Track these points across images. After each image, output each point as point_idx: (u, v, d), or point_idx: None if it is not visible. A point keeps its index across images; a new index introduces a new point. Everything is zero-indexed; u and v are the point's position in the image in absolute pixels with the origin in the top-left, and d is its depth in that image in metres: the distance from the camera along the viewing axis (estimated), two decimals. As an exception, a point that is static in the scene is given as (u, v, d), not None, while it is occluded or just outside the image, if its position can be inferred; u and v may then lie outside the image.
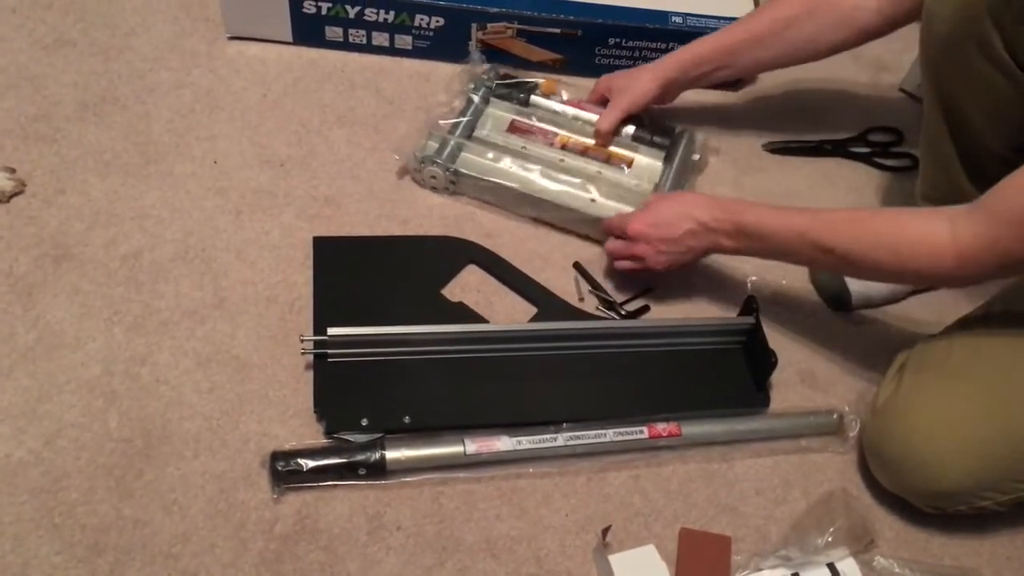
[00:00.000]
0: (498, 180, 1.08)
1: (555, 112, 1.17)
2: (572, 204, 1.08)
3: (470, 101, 1.16)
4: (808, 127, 1.26)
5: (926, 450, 0.85)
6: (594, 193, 1.09)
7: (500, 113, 1.17)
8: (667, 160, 1.14)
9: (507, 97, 1.18)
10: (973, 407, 0.84)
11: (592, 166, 1.13)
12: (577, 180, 1.10)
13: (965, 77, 0.91)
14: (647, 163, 1.14)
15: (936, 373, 0.88)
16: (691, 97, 1.21)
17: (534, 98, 1.18)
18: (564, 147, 1.14)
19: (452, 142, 1.11)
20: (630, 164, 1.14)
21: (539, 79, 1.20)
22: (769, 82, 1.31)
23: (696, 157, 1.16)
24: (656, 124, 1.17)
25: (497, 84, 1.19)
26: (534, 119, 1.16)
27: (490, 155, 1.11)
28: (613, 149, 1.15)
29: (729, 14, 1.26)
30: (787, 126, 1.27)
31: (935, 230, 0.81)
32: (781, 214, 0.91)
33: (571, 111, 1.17)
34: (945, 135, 0.99)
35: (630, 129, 1.16)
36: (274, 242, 1.04)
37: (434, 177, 1.10)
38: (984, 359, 0.86)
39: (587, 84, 1.19)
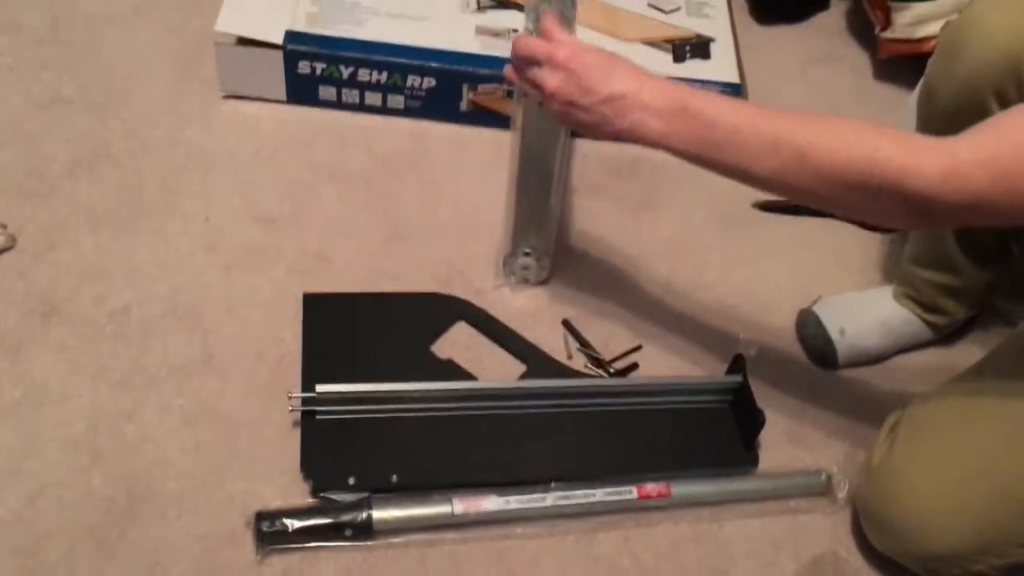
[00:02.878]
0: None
1: None
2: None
3: None
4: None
5: (922, 512, 0.85)
6: None
7: None
8: None
9: None
10: (968, 470, 0.84)
11: None
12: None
13: None
14: None
15: (929, 435, 0.88)
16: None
17: None
18: None
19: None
20: None
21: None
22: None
23: None
24: None
25: None
26: None
27: None
28: None
29: (714, 78, 1.29)
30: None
31: (925, 137, 0.74)
32: (730, 100, 0.80)
33: None
34: None
35: None
36: (264, 298, 1.04)
37: (526, 268, 1.09)
38: (978, 421, 0.86)
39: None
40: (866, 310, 1.10)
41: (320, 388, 0.92)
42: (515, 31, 1.26)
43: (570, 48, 0.83)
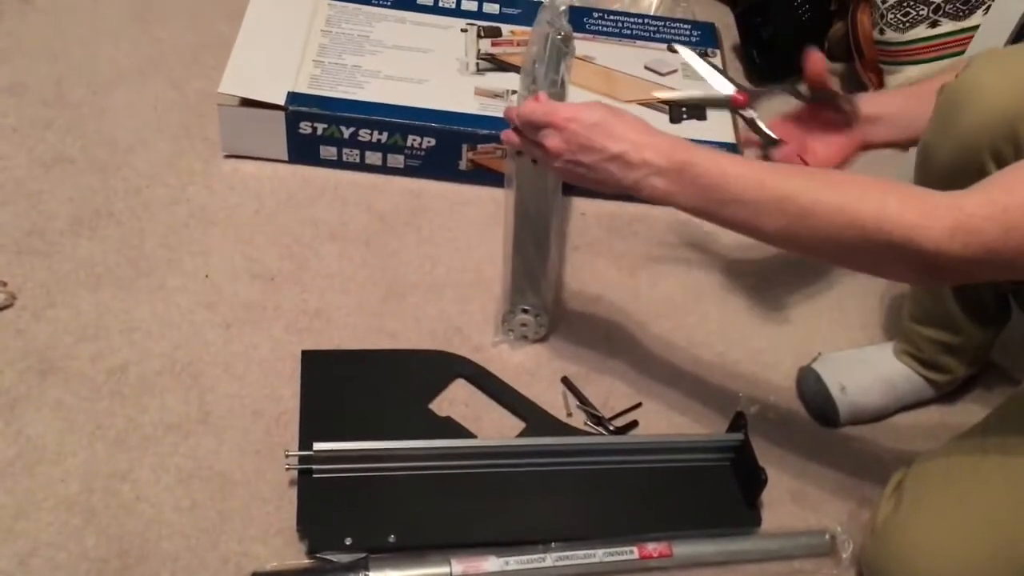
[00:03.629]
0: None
1: None
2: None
3: None
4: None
5: (927, 573, 0.83)
6: None
7: None
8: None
9: None
10: (975, 529, 0.83)
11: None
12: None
13: None
14: None
15: (935, 494, 0.87)
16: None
17: None
18: None
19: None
20: None
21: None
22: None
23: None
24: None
25: None
26: None
27: None
28: None
29: (711, 138, 1.31)
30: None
31: (932, 192, 0.73)
32: (734, 157, 0.81)
33: None
34: None
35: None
36: (262, 356, 1.04)
37: (524, 325, 1.09)
38: (984, 480, 0.85)
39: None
40: (867, 367, 1.10)
41: (317, 446, 0.91)
42: (513, 92, 1.29)
43: (570, 109, 0.85)
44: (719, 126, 1.34)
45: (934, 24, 1.35)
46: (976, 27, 1.30)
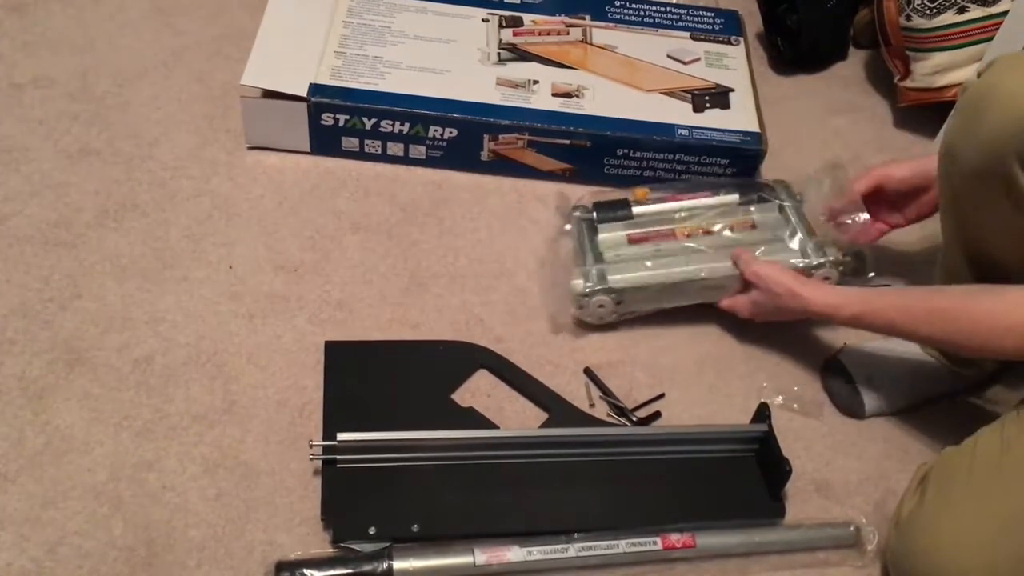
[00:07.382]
0: (662, 280, 1.09)
1: (661, 212, 1.17)
2: (731, 273, 1.10)
3: (580, 232, 1.16)
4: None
5: (952, 569, 0.82)
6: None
7: (612, 234, 1.16)
8: (782, 210, 1.17)
9: (610, 219, 1.17)
10: (1001, 524, 0.82)
11: (725, 239, 1.15)
12: (723, 253, 1.11)
13: (988, 214, 0.90)
14: (764, 217, 1.18)
15: (959, 488, 0.86)
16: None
17: (636, 208, 1.18)
18: (689, 235, 1.15)
19: (594, 270, 1.10)
20: (754, 225, 1.17)
21: (627, 194, 1.19)
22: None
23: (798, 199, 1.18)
24: (751, 186, 1.21)
25: (596, 209, 1.18)
26: (645, 227, 1.16)
27: (635, 266, 1.11)
28: (733, 219, 1.17)
29: (734, 127, 1.30)
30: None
31: None
32: (895, 296, 0.98)
33: (674, 205, 1.18)
34: (964, 268, 0.99)
35: (734, 197, 1.18)
36: (286, 346, 1.04)
37: (601, 306, 1.09)
38: (1010, 473, 0.84)
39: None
40: (893, 359, 1.09)
41: (341, 436, 0.91)
42: (535, 82, 1.28)
43: (764, 282, 1.05)
44: (742, 115, 1.33)
45: (962, 10, 1.33)
46: (1005, 13, 1.28)
